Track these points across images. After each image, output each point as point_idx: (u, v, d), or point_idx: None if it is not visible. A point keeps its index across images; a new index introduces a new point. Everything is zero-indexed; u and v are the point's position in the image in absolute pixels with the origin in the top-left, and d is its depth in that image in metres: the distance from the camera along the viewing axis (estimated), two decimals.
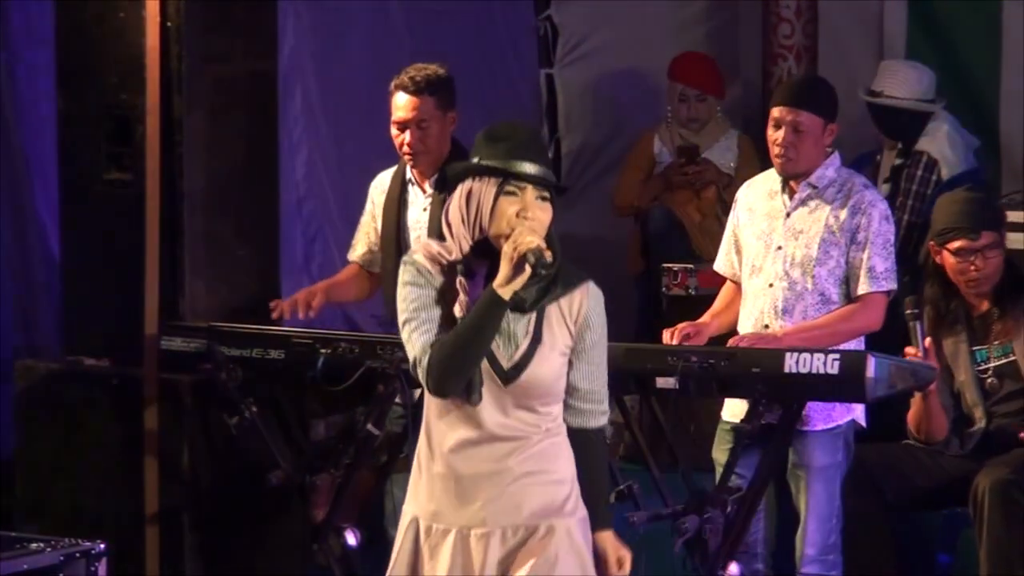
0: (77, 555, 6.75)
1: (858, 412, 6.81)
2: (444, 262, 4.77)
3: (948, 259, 7.02)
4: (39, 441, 7.55)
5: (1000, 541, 6.90)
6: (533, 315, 4.78)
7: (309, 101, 8.72)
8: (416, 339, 4.75)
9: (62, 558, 6.72)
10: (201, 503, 7.36)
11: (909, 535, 7.37)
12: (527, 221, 4.68)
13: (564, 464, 4.85)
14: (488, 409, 4.79)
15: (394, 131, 7.13)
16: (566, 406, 4.85)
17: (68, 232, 7.61)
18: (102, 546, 6.80)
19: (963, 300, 7.10)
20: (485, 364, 4.75)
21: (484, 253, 4.71)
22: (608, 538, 4.92)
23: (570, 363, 4.84)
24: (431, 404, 4.84)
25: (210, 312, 7.34)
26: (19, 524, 7.25)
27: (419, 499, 4.89)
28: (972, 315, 7.12)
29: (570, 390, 4.85)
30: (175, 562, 7.36)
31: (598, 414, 4.90)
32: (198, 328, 7.22)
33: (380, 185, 7.35)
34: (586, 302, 4.82)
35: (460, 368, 4.73)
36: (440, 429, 4.84)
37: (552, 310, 4.79)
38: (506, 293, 4.67)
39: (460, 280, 4.74)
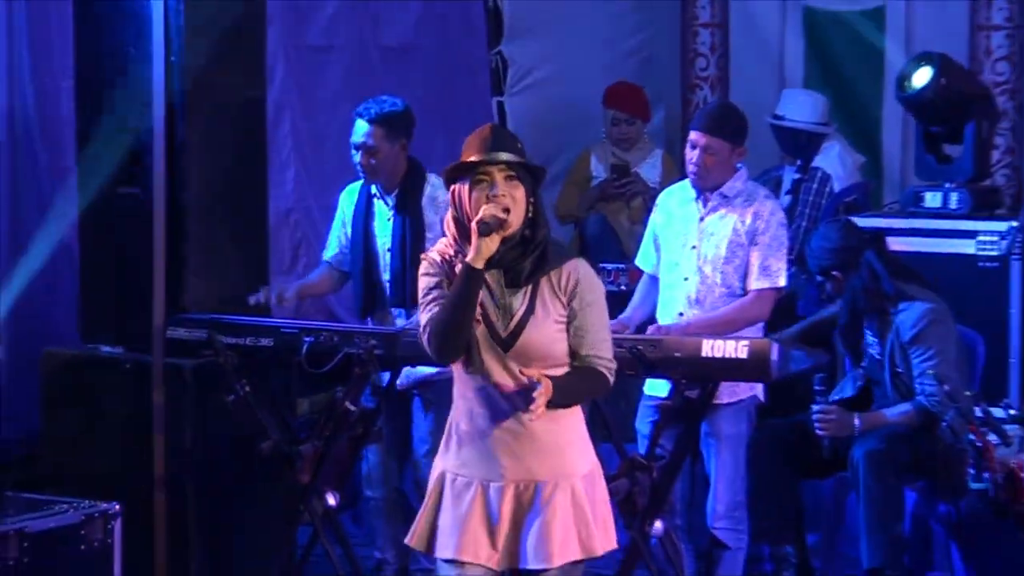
0: (96, 515, 6.79)
1: (758, 389, 6.85)
2: (448, 256, 4.80)
3: None
4: (62, 418, 7.48)
5: (874, 500, 6.93)
6: (528, 290, 4.78)
7: (296, 126, 8.73)
8: (423, 318, 4.80)
9: (83, 517, 6.76)
10: (202, 470, 7.32)
11: (808, 496, 7.36)
12: (496, 198, 4.69)
13: (571, 423, 4.87)
14: (498, 375, 4.78)
15: (352, 150, 7.15)
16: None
17: (86, 237, 7.55)
18: (117, 507, 6.83)
19: None
20: (486, 334, 4.78)
21: None
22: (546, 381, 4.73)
23: (570, 332, 4.80)
24: (457, 374, 4.87)
25: (209, 306, 7.26)
26: (46, 489, 7.16)
27: (448, 455, 4.91)
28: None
29: (574, 355, 4.83)
30: (179, 521, 7.32)
31: (601, 367, 4.85)
32: (199, 320, 7.18)
33: (348, 196, 7.37)
34: (574, 275, 4.81)
35: (451, 335, 4.75)
36: (465, 395, 4.87)
37: (544, 285, 4.80)
38: (477, 263, 4.68)
39: (459, 268, 4.74)
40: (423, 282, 4.83)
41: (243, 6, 7.42)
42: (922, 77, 7.92)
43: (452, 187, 4.79)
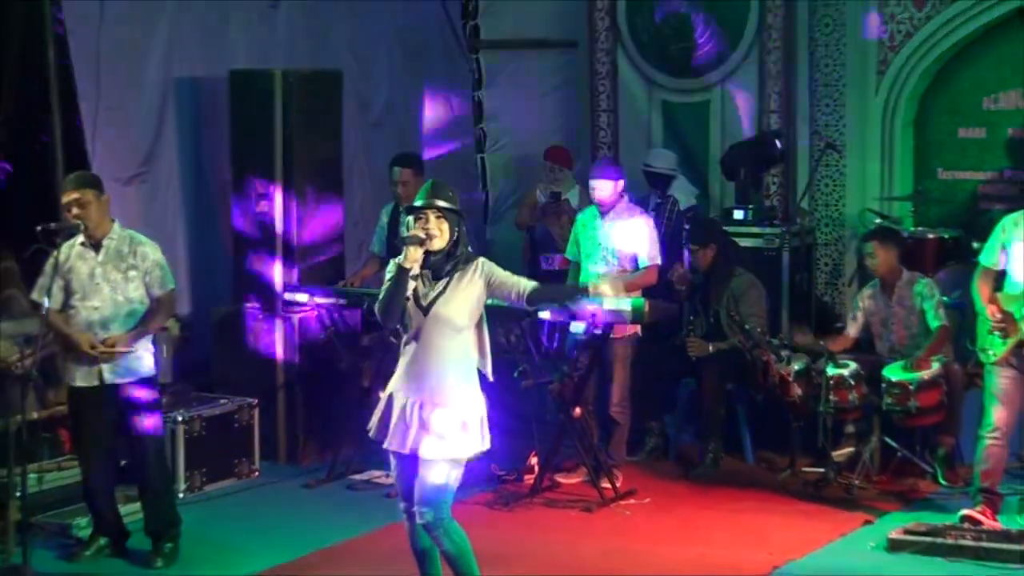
0: (244, 406, 6.90)
1: (638, 328, 6.73)
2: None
3: None
4: (223, 347, 7.41)
5: (708, 394, 6.92)
6: (444, 282, 4.64)
7: (361, 172, 8.63)
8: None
9: (236, 407, 6.86)
10: (305, 378, 7.25)
11: (667, 392, 7.37)
12: (426, 230, 4.60)
13: (467, 368, 4.67)
14: (421, 331, 4.62)
15: (392, 185, 7.21)
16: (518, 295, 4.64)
17: (239, 238, 7.43)
18: (255, 401, 6.82)
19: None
20: (414, 306, 4.62)
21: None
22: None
23: (496, 285, 4.63)
24: (401, 332, 4.70)
25: (308, 279, 7.22)
26: (215, 390, 7.15)
27: (392, 382, 4.74)
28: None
29: (513, 293, 4.64)
30: (292, 409, 7.25)
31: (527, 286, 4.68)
32: (303, 287, 7.12)
33: (385, 211, 7.42)
34: (480, 266, 4.68)
35: (388, 309, 4.61)
36: (403, 345, 4.70)
37: (457, 279, 4.66)
38: (405, 264, 4.58)
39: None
40: (385, 275, 4.68)
41: (328, 99, 7.33)
42: (777, 143, 8.04)
43: (408, 218, 4.73)
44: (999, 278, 5.87)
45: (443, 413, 4.61)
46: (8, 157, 6.44)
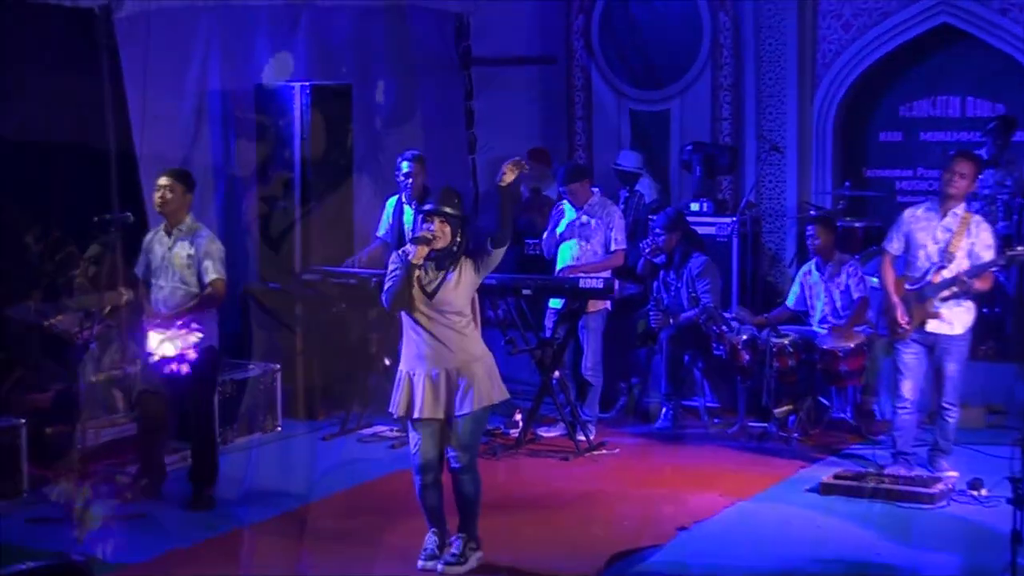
0: (267, 371, 6.86)
1: (608, 303, 6.78)
2: (408, 252, 4.73)
3: None
4: (250, 320, 7.41)
5: (669, 358, 6.98)
6: (444, 273, 4.72)
7: (369, 173, 8.57)
8: (386, 285, 4.74)
9: (260, 371, 6.79)
10: (320, 347, 7.27)
11: (635, 357, 7.41)
12: (431, 232, 4.67)
13: (473, 339, 4.76)
14: (428, 314, 4.69)
15: (400, 178, 7.08)
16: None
17: (262, 227, 7.44)
18: (278, 367, 6.83)
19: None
20: (419, 293, 4.69)
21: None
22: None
23: (482, 262, 4.70)
24: (404, 318, 4.75)
25: (323, 262, 7.23)
26: (244, 357, 7.14)
27: (404, 362, 4.80)
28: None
29: (488, 254, 4.72)
30: (309, 372, 7.28)
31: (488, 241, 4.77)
32: (317, 269, 7.14)
33: (391, 202, 7.29)
34: (465, 261, 4.74)
35: (396, 299, 4.68)
36: (409, 328, 4.78)
37: (454, 271, 4.73)
38: (414, 261, 4.64)
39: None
40: (390, 265, 4.77)
41: (339, 109, 7.36)
42: (728, 155, 8.16)
43: (417, 217, 4.82)
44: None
45: (469, 373, 4.71)
46: (72, 157, 6.49)
